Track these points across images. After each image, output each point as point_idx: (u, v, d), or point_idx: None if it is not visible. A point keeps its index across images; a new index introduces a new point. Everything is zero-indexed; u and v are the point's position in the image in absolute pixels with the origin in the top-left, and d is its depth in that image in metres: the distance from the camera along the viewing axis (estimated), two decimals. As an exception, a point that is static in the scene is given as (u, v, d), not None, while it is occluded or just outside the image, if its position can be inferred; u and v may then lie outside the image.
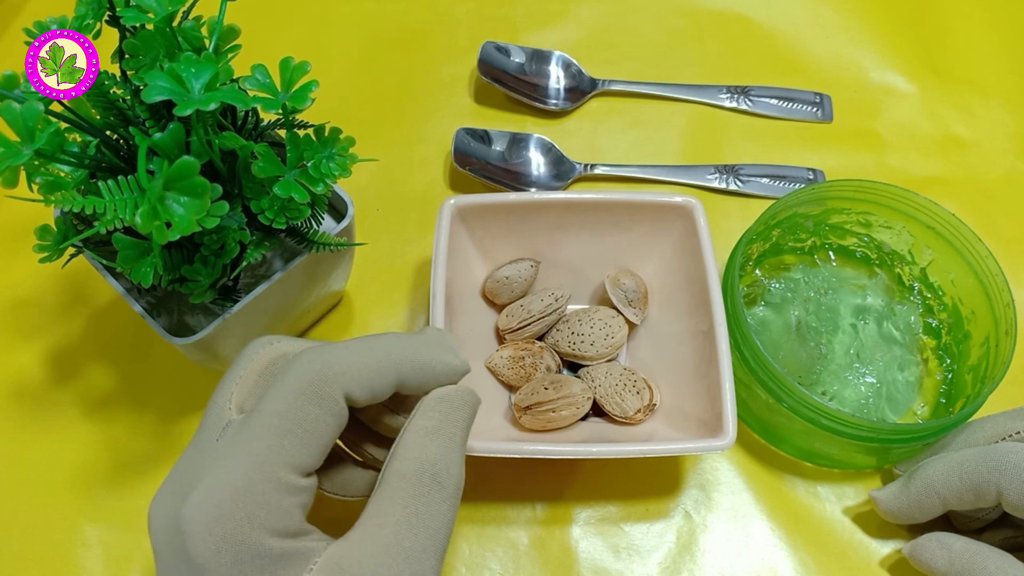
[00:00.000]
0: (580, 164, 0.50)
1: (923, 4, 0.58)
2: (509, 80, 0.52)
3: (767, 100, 0.53)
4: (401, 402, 0.31)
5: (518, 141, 0.50)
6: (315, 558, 0.26)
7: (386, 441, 0.32)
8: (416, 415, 0.29)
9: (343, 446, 0.33)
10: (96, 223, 0.27)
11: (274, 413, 0.26)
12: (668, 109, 0.53)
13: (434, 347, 0.30)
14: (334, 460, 0.32)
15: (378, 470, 0.32)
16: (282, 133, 0.33)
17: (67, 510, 0.39)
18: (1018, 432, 0.36)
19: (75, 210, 0.28)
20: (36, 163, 0.29)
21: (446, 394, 0.29)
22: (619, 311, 0.42)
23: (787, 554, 0.39)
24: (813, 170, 0.51)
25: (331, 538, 0.27)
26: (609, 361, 0.42)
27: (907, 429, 0.37)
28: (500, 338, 0.43)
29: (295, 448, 0.26)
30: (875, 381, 0.42)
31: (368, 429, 0.32)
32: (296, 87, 0.29)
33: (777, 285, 0.45)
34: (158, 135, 0.28)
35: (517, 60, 0.53)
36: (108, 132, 0.31)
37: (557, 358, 0.42)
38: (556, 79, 0.53)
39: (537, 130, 0.51)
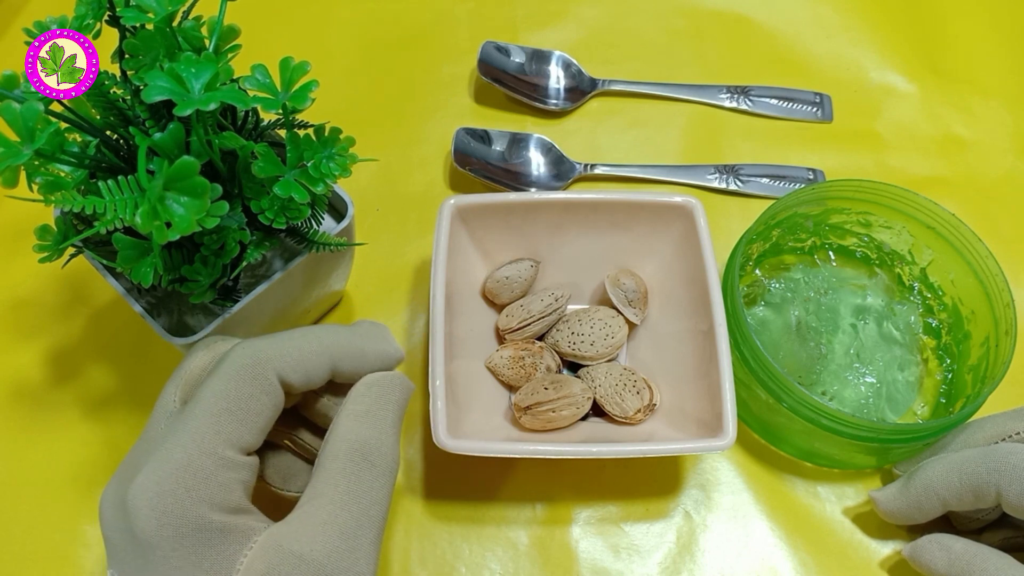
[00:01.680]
0: (580, 164, 0.50)
1: (923, 4, 0.58)
2: (509, 80, 0.52)
3: (767, 100, 0.53)
4: (338, 390, 0.32)
5: (518, 141, 0.50)
6: (255, 536, 0.27)
7: (324, 432, 0.33)
8: (348, 401, 0.30)
9: (291, 445, 0.34)
10: (96, 223, 0.27)
11: (211, 395, 0.27)
12: (668, 109, 0.53)
13: (368, 337, 0.32)
14: (280, 454, 0.34)
15: (303, 448, 0.34)
16: (282, 133, 0.33)
17: (67, 510, 0.39)
18: (1018, 433, 0.36)
19: (75, 210, 0.28)
20: (36, 163, 0.29)
21: (376, 379, 0.31)
22: (619, 311, 0.42)
23: (787, 554, 0.39)
24: (813, 170, 0.51)
25: (272, 521, 0.28)
26: (609, 361, 0.42)
27: (907, 429, 0.37)
28: (500, 338, 0.43)
29: (233, 425, 0.27)
30: (875, 381, 0.42)
31: (308, 421, 0.34)
32: (296, 87, 0.29)
33: (777, 285, 0.45)
34: (158, 135, 0.28)
35: (517, 60, 0.53)
36: (108, 132, 0.31)
37: (557, 358, 0.42)
38: (556, 79, 0.53)
39: (537, 130, 0.51)
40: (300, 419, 0.34)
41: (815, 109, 0.53)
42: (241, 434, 0.27)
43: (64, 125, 0.29)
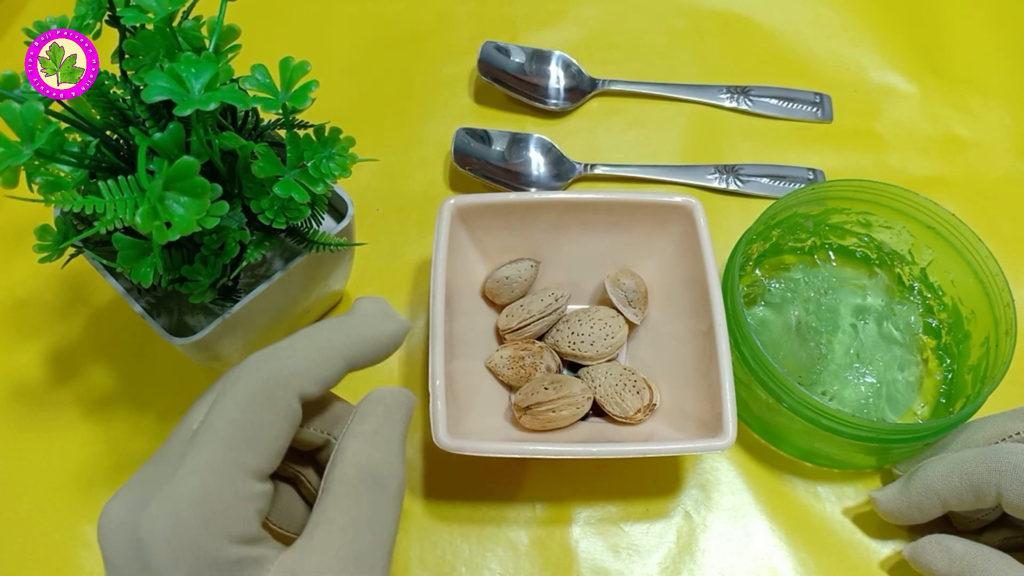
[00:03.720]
0: (580, 164, 0.50)
1: (923, 4, 0.58)
2: (509, 80, 0.52)
3: (767, 100, 0.53)
4: (323, 418, 0.31)
5: (518, 141, 0.50)
6: (269, 565, 0.26)
7: (305, 457, 0.33)
8: (354, 420, 0.29)
9: (298, 480, 0.33)
10: (96, 223, 0.27)
11: (227, 421, 0.26)
12: (668, 109, 0.53)
13: (373, 320, 0.30)
14: (280, 490, 0.32)
15: (307, 489, 0.32)
16: (282, 133, 0.33)
17: (67, 510, 0.39)
18: (1018, 433, 0.36)
19: (75, 210, 0.28)
20: (36, 163, 0.29)
21: (382, 396, 0.30)
22: (619, 311, 0.42)
23: (787, 554, 0.39)
24: (813, 170, 0.51)
25: (282, 546, 0.27)
26: (609, 361, 0.42)
27: (907, 429, 0.37)
28: (500, 338, 0.43)
29: (251, 454, 0.26)
30: (875, 381, 0.42)
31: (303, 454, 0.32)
32: (296, 87, 0.29)
33: (777, 285, 0.45)
34: (158, 135, 0.28)
35: (517, 60, 0.53)
36: (108, 132, 0.31)
37: (557, 358, 0.42)
38: (556, 79, 0.53)
39: (537, 130, 0.51)
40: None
41: (815, 109, 0.53)
42: (259, 461, 0.26)
43: (64, 125, 0.29)
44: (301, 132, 0.32)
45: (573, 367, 0.42)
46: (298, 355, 0.28)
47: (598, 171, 0.50)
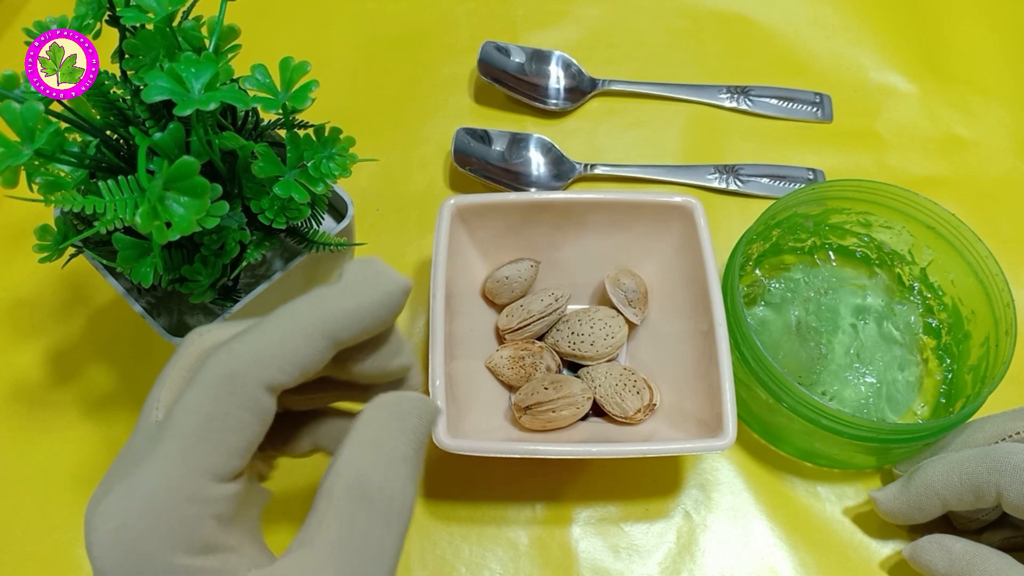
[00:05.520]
0: (580, 164, 0.50)
1: (923, 4, 0.58)
2: (509, 80, 0.52)
3: (767, 100, 0.53)
4: (313, 433, 0.28)
5: (518, 141, 0.50)
6: None
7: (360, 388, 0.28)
8: (353, 426, 0.25)
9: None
10: (96, 223, 0.27)
11: (186, 413, 0.23)
12: (668, 109, 0.53)
13: (357, 286, 0.26)
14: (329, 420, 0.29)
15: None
16: (282, 133, 0.33)
17: (67, 510, 0.39)
18: (1018, 432, 0.36)
19: (75, 210, 0.28)
20: (36, 163, 0.29)
21: (388, 401, 0.26)
22: (619, 311, 0.42)
23: (787, 554, 0.39)
24: (813, 170, 0.51)
25: (269, 555, 0.24)
26: (609, 361, 0.42)
27: (907, 429, 0.37)
28: (500, 338, 0.43)
29: (208, 452, 0.23)
30: (875, 381, 0.42)
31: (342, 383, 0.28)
32: (296, 87, 0.29)
33: (777, 285, 0.45)
34: (158, 135, 0.28)
35: (517, 60, 0.53)
36: (108, 132, 0.31)
37: (557, 358, 0.42)
38: (556, 79, 0.53)
39: (537, 130, 0.51)
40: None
41: (815, 109, 0.53)
42: (219, 462, 0.23)
43: (64, 125, 0.29)
44: (301, 132, 0.32)
45: (573, 367, 0.42)
46: (263, 341, 0.24)
47: (598, 171, 0.50)
